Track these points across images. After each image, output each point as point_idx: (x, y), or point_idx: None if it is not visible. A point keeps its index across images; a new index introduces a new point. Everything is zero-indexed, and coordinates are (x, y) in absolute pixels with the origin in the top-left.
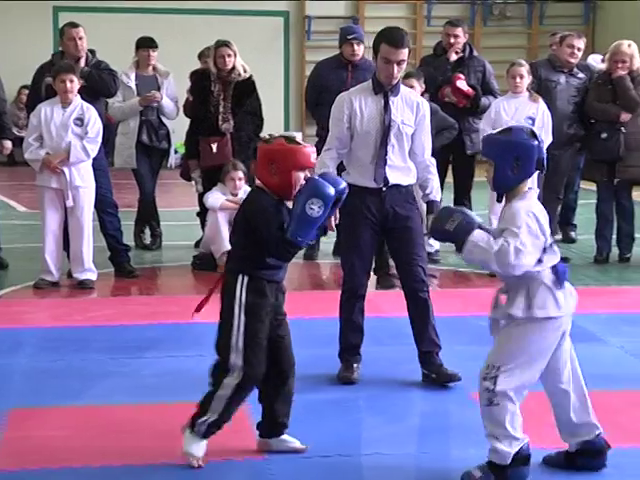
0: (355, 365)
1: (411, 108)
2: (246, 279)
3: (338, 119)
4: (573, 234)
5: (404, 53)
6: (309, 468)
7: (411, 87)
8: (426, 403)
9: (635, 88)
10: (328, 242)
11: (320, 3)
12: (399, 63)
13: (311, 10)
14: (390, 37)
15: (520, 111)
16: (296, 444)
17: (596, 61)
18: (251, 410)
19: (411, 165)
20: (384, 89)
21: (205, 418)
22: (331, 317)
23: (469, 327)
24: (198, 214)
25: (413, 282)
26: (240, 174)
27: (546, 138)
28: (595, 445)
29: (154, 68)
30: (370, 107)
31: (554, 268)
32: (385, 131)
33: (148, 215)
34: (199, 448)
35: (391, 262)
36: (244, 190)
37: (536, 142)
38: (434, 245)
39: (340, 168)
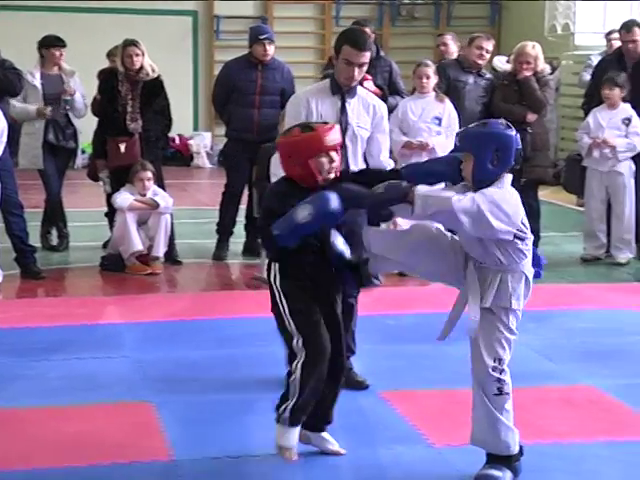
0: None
1: (367, 110)
2: (277, 265)
3: (295, 118)
4: None
5: (366, 56)
6: (218, 469)
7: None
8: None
9: (540, 89)
10: (238, 242)
11: (229, 3)
12: (360, 66)
13: (220, 10)
14: (354, 39)
15: (427, 111)
16: (335, 447)
17: (502, 62)
18: (161, 412)
19: (363, 166)
20: (342, 90)
21: (285, 405)
22: (240, 317)
23: (378, 326)
24: (106, 214)
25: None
26: (149, 174)
27: (452, 138)
28: None
29: (59, 67)
30: (327, 108)
31: (535, 259)
32: (342, 133)
33: (55, 216)
34: (289, 438)
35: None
36: (153, 190)
37: (514, 133)
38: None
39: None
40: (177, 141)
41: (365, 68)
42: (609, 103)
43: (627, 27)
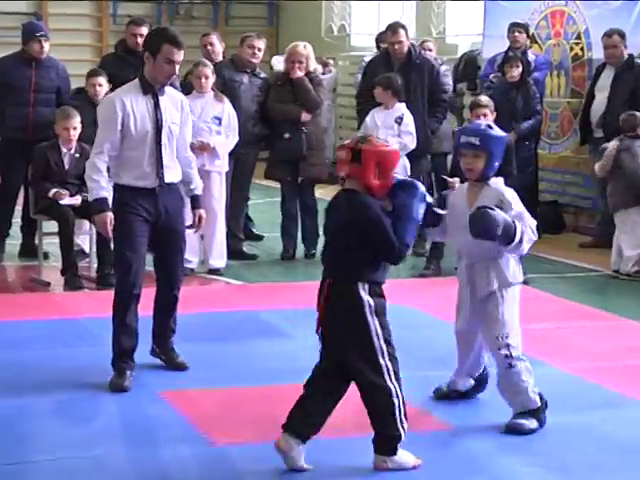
0: (129, 372)
1: (176, 107)
2: (367, 285)
3: (110, 122)
4: (254, 230)
5: (183, 54)
6: None
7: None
8: (114, 404)
9: (314, 88)
10: (14, 244)
11: None
12: (179, 63)
13: None
14: (173, 37)
15: (206, 111)
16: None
17: (279, 62)
18: None
19: (177, 163)
20: (153, 89)
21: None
22: (18, 320)
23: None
24: None
25: (172, 281)
26: None
27: (233, 138)
28: (483, 376)
29: None
30: (141, 108)
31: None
32: (158, 131)
33: None
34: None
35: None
36: None
37: None
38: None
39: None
40: None
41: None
42: (383, 103)
43: (392, 29)
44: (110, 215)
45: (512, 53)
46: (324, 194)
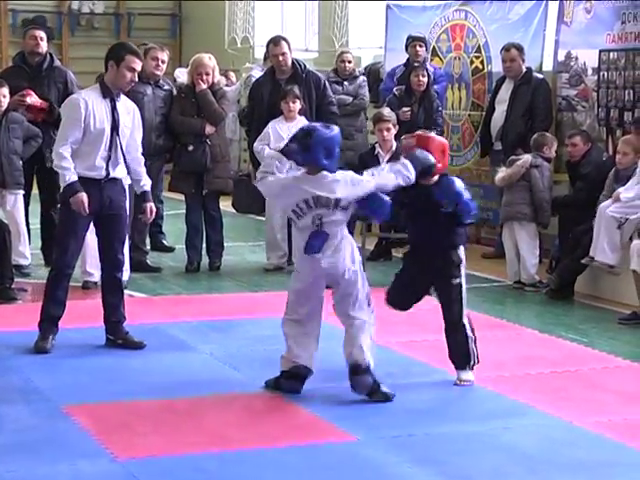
0: (51, 336)
1: (128, 112)
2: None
3: (75, 118)
4: (165, 242)
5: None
6: None
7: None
8: (15, 418)
9: (218, 101)
10: None
11: None
12: (137, 72)
13: None
14: (134, 49)
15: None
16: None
17: (182, 74)
18: None
19: (123, 161)
20: (112, 94)
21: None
22: None
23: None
24: None
25: (113, 264)
26: None
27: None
28: None
29: None
30: (101, 110)
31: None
32: (112, 131)
33: None
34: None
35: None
36: None
37: None
38: (28, 258)
39: None
40: None
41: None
42: (290, 116)
43: (274, 41)
44: (84, 195)
45: (417, 63)
46: (229, 206)
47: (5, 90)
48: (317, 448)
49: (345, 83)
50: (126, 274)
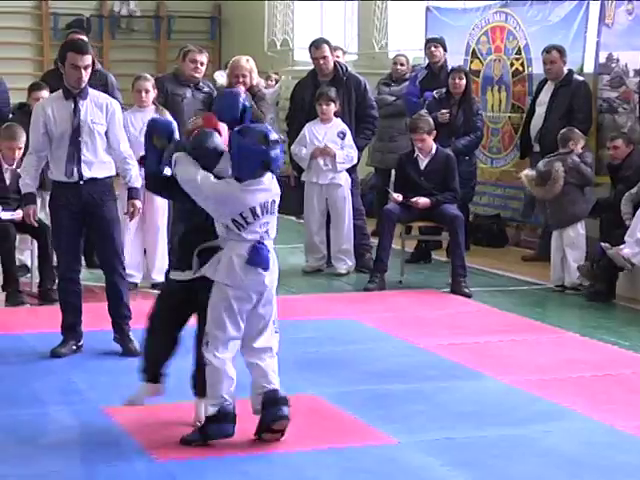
0: (72, 342)
1: (101, 108)
2: None
3: (35, 125)
4: None
5: (89, 58)
6: None
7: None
8: (57, 420)
9: (256, 103)
10: None
11: None
12: (85, 68)
13: None
14: (74, 45)
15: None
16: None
17: (222, 76)
18: None
19: (107, 159)
20: (73, 94)
21: None
22: None
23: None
24: None
25: (108, 266)
26: None
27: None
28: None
29: None
30: (61, 112)
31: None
32: (75, 131)
33: None
34: None
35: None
36: None
37: None
38: None
39: None
40: None
41: (90, 70)
42: (324, 118)
43: (316, 44)
44: (34, 207)
45: (456, 65)
46: None
47: (45, 93)
48: (357, 450)
49: (393, 84)
50: (139, 276)
